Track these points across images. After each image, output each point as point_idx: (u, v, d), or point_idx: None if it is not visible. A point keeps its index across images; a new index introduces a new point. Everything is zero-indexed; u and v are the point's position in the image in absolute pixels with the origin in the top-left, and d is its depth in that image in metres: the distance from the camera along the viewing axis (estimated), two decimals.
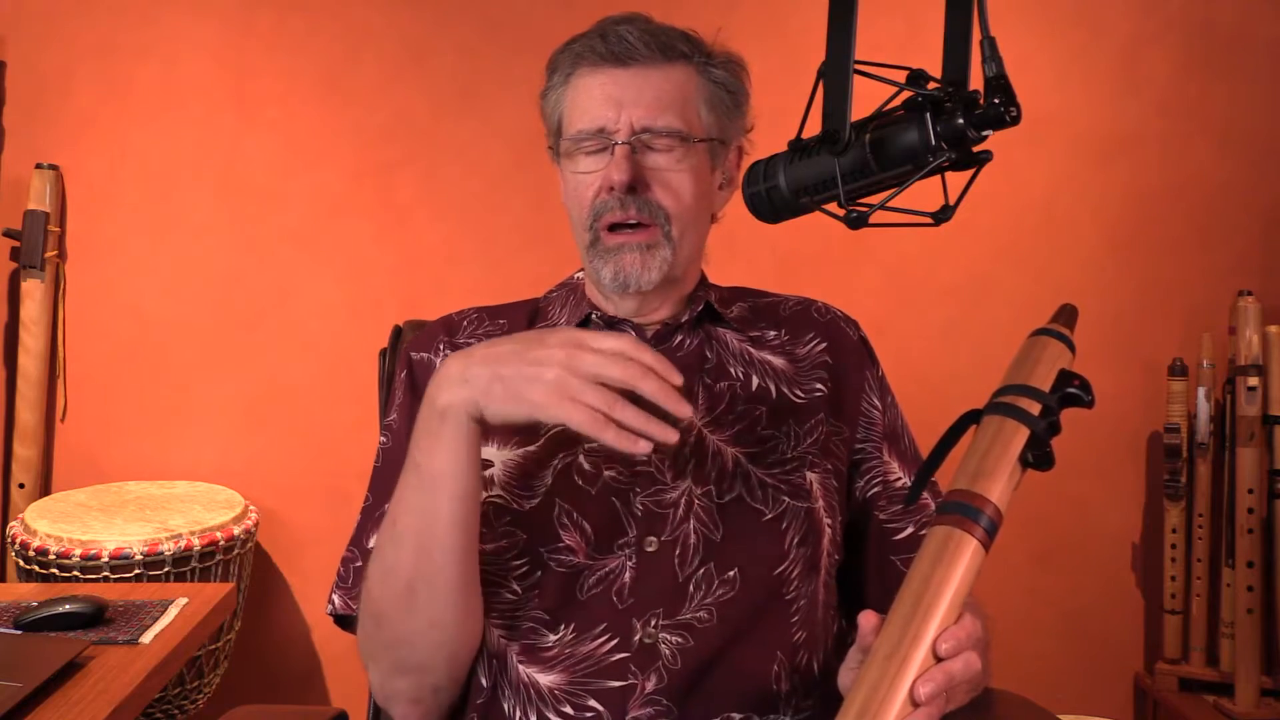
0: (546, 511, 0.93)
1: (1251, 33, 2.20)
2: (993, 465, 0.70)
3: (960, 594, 0.67)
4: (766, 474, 0.96)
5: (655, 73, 0.97)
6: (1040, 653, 2.25)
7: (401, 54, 2.24)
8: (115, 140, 2.24)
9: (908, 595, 0.68)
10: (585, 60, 0.98)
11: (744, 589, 0.92)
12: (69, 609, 1.22)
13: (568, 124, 0.99)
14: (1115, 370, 2.22)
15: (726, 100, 1.02)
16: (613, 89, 0.96)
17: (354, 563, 0.99)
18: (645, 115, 0.95)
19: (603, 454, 0.95)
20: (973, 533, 0.68)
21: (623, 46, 0.96)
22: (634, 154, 0.95)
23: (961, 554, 0.68)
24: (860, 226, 0.73)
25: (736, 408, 0.99)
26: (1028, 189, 2.22)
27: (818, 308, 1.10)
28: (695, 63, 0.99)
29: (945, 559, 0.68)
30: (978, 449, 0.71)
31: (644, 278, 0.96)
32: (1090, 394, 0.72)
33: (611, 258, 0.96)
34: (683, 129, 0.97)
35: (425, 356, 1.04)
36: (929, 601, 0.66)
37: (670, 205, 0.96)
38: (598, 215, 0.97)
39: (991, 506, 0.69)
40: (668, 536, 0.93)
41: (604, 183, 0.96)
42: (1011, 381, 0.74)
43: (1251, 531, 2.04)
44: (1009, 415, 0.71)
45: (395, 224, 2.26)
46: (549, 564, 0.92)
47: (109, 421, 2.25)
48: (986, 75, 0.68)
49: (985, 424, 0.73)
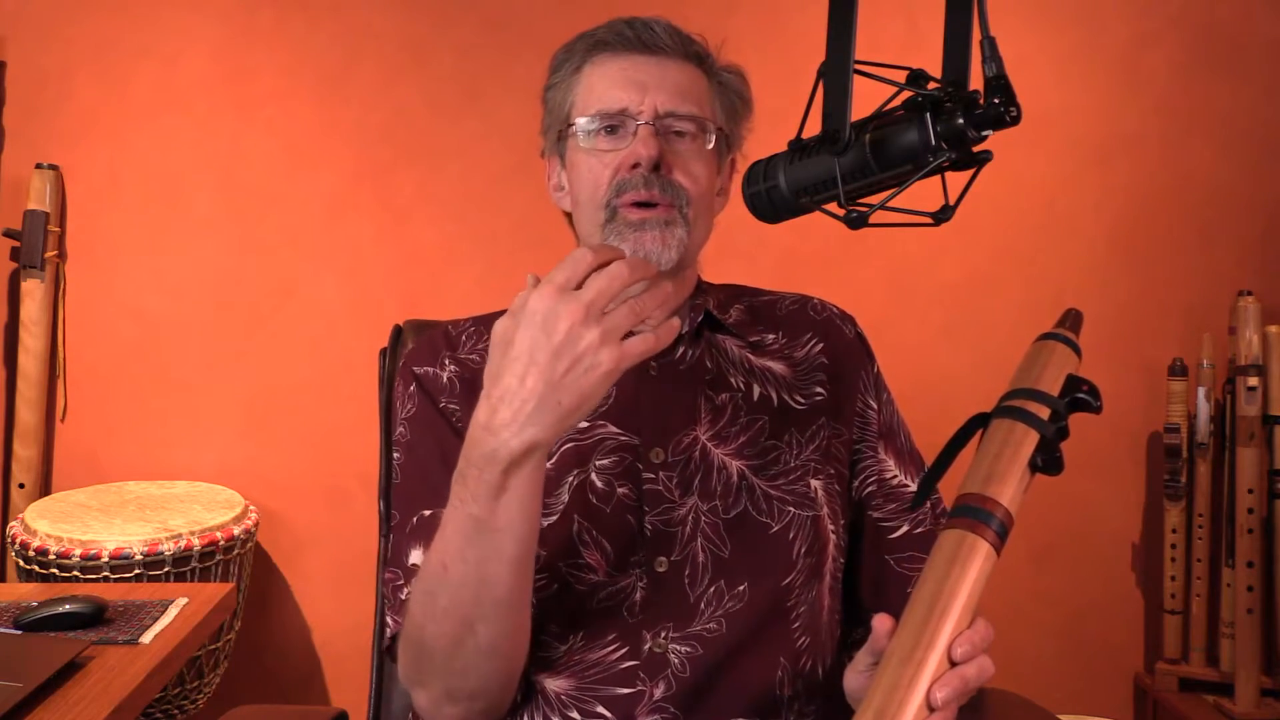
0: (566, 528, 0.93)
1: (1252, 32, 2.20)
2: (1004, 469, 0.69)
3: (973, 598, 0.67)
4: (771, 486, 0.96)
5: (677, 64, 0.98)
6: (1040, 653, 2.25)
7: (401, 54, 2.24)
8: (115, 140, 2.24)
9: (922, 599, 0.67)
10: (606, 47, 0.98)
11: (751, 600, 0.92)
12: (69, 609, 1.22)
13: (583, 106, 0.99)
14: (1115, 370, 2.22)
15: (736, 104, 1.03)
16: (636, 73, 0.97)
17: (396, 582, 0.97)
18: (669, 100, 0.96)
19: (613, 471, 0.95)
20: (985, 536, 0.68)
21: (650, 35, 0.97)
22: (658, 136, 0.95)
23: (975, 558, 0.67)
24: (860, 226, 0.73)
25: (739, 419, 0.99)
26: (1028, 189, 2.22)
27: (814, 305, 1.10)
28: (707, 68, 1.01)
29: (959, 563, 0.67)
30: (988, 453, 0.71)
31: (664, 255, 0.95)
32: (1098, 400, 0.72)
33: (631, 234, 0.95)
34: (703, 116, 0.98)
35: (431, 370, 1.03)
36: (944, 605, 0.66)
37: (690, 188, 0.96)
38: (619, 191, 0.95)
39: (1003, 510, 0.68)
40: (677, 556, 0.93)
41: (627, 160, 0.95)
42: (1019, 385, 0.73)
43: (1251, 531, 2.04)
44: (1019, 419, 0.71)
45: (395, 224, 2.26)
46: (568, 580, 0.92)
47: (109, 421, 2.25)
48: (986, 75, 0.68)
49: (994, 428, 0.72)
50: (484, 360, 1.02)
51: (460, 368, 1.02)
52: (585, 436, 0.97)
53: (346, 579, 2.22)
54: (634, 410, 0.97)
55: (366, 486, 2.07)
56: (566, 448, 0.96)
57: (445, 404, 1.00)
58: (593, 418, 0.97)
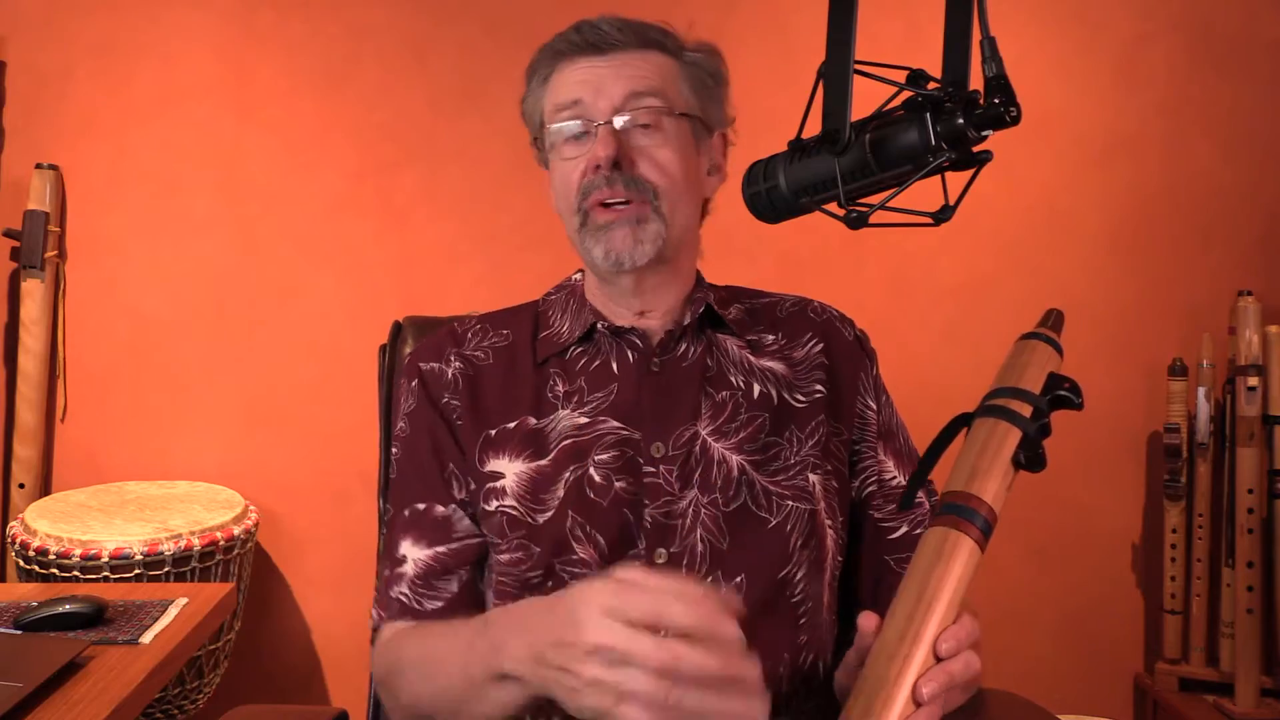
0: (560, 524, 0.94)
1: (1252, 32, 2.20)
2: (986, 466, 0.71)
3: (958, 594, 0.68)
4: (770, 481, 0.97)
5: (633, 57, 0.98)
6: (1040, 653, 2.25)
7: (402, 53, 2.24)
8: (115, 140, 2.24)
9: (907, 596, 0.68)
10: (562, 55, 1.00)
11: (749, 593, 0.92)
12: (69, 609, 1.22)
13: (550, 116, 1.00)
14: (1115, 370, 2.22)
15: (707, 82, 1.02)
16: (589, 75, 0.97)
17: (384, 574, 1.00)
18: (624, 95, 0.96)
19: (613, 465, 0.95)
20: (969, 533, 0.69)
21: (597, 35, 0.98)
22: (617, 134, 0.96)
23: (959, 554, 0.68)
24: (860, 226, 0.73)
25: (739, 416, 0.99)
26: (1028, 189, 2.22)
27: (814, 308, 1.10)
28: (671, 50, 1.01)
29: (943, 559, 0.68)
30: (971, 451, 0.72)
31: (636, 252, 0.96)
32: (1079, 396, 0.73)
33: (602, 236, 0.96)
34: (662, 104, 0.97)
35: (436, 366, 1.04)
36: (928, 602, 0.67)
37: (657, 180, 0.97)
38: (585, 194, 0.97)
39: (986, 507, 0.69)
40: (676, 548, 0.93)
41: (590, 162, 0.96)
42: (1002, 384, 0.75)
43: (1251, 531, 2.04)
44: (1001, 417, 0.72)
45: (395, 223, 2.26)
46: (562, 576, 0.93)
47: (109, 421, 2.25)
48: (986, 75, 0.68)
49: (978, 426, 0.73)
50: (489, 356, 1.03)
51: (465, 364, 1.03)
52: (585, 432, 0.97)
53: (346, 579, 2.22)
54: (635, 405, 0.98)
55: (367, 486, 2.07)
56: (566, 444, 0.97)
57: (448, 400, 1.01)
58: (593, 413, 0.98)
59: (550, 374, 1.01)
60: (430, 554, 0.97)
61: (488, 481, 0.97)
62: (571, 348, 1.02)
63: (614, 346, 1.01)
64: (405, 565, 0.97)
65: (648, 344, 1.01)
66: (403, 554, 0.98)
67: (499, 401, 1.00)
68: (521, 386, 1.00)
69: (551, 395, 0.99)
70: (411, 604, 0.96)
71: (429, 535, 0.98)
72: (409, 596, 0.97)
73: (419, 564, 0.97)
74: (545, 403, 0.99)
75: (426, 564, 0.97)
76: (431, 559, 0.97)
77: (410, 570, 0.97)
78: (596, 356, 1.01)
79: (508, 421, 0.99)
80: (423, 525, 0.99)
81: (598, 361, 1.01)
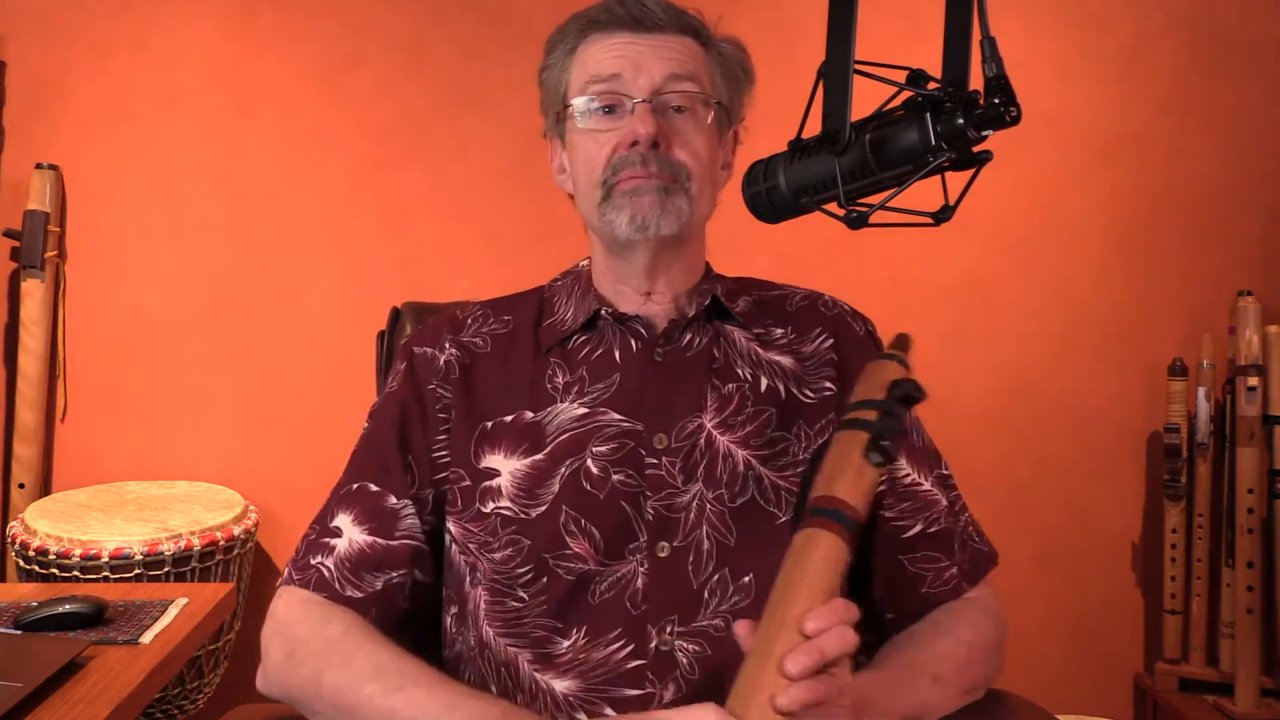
0: (553, 519, 0.92)
1: (1254, 32, 2.20)
2: (838, 468, 0.76)
3: (822, 580, 0.72)
4: (779, 476, 0.95)
5: (672, 39, 0.97)
6: (1040, 653, 2.25)
7: (402, 52, 2.24)
8: (115, 140, 2.24)
9: (773, 593, 0.73)
10: (599, 26, 0.97)
11: (758, 594, 0.91)
12: (69, 609, 1.22)
13: (579, 87, 0.97)
14: (1115, 370, 2.22)
15: (739, 75, 1.02)
16: (630, 50, 0.96)
17: (310, 537, 0.97)
18: (666, 75, 0.95)
19: (611, 457, 0.94)
20: (828, 527, 0.73)
21: (641, 11, 0.96)
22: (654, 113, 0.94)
23: (816, 546, 0.73)
24: (860, 226, 0.73)
25: (746, 409, 0.97)
26: (1028, 189, 2.22)
27: (825, 302, 1.08)
28: (704, 39, 1.00)
29: (804, 554, 0.73)
30: (828, 460, 0.78)
31: (663, 220, 0.94)
32: (920, 390, 0.79)
33: (628, 201, 0.94)
34: (699, 90, 0.96)
35: (429, 351, 1.02)
36: (790, 591, 0.71)
37: (690, 163, 0.95)
38: (616, 170, 0.94)
39: (840, 502, 0.74)
40: (680, 542, 0.91)
41: (625, 139, 0.94)
42: (851, 402, 0.81)
43: (1251, 531, 2.04)
44: (848, 427, 0.78)
45: (396, 223, 2.26)
46: (555, 571, 0.91)
47: (109, 421, 2.25)
48: (986, 75, 0.68)
49: (833, 440, 0.79)
50: (487, 344, 1.02)
51: (461, 351, 1.01)
52: (583, 424, 0.95)
53: None
54: (637, 396, 0.96)
55: None
56: (563, 437, 0.95)
57: (434, 387, 0.99)
58: (593, 404, 0.96)
59: (550, 364, 0.99)
60: (367, 541, 0.94)
61: (483, 480, 0.95)
62: (574, 336, 1.00)
63: (617, 335, 0.99)
64: (338, 540, 0.94)
65: (652, 333, 0.99)
66: (338, 526, 0.94)
67: (495, 392, 0.98)
68: (519, 377, 0.99)
69: (550, 387, 0.98)
70: (332, 582, 0.92)
71: (373, 521, 0.95)
72: (331, 574, 0.93)
73: (353, 545, 0.94)
74: (543, 395, 0.97)
75: (360, 549, 0.94)
76: (367, 546, 0.94)
77: (342, 548, 0.94)
78: (599, 345, 0.99)
79: (504, 415, 0.97)
80: (369, 508, 0.96)
81: (600, 350, 0.99)
